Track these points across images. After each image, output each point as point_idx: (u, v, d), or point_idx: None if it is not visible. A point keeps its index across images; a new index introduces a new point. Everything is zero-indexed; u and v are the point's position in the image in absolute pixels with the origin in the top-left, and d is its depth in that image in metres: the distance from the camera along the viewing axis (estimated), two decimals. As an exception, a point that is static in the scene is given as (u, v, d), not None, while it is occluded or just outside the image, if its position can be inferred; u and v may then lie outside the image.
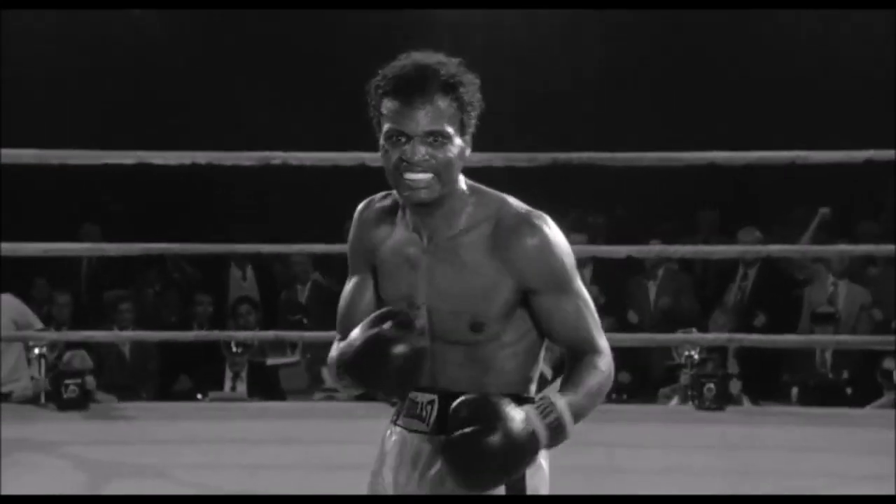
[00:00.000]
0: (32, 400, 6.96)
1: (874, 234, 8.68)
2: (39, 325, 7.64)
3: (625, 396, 7.62)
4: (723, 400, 6.32)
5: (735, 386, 6.52)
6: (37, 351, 6.92)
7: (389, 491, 2.81)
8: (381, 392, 2.72)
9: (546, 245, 2.69)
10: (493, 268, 2.70)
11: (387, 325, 2.66)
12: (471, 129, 2.72)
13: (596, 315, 2.77)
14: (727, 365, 7.26)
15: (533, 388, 2.81)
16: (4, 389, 7.46)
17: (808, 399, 7.54)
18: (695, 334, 6.99)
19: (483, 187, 2.78)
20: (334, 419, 6.52)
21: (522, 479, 2.69)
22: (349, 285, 2.91)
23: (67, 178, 7.59)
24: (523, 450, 2.55)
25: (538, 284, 2.70)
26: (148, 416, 6.53)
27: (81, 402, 6.42)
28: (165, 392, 8.25)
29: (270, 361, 8.05)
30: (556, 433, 2.59)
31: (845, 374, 7.86)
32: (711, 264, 9.27)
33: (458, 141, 2.68)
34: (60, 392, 6.44)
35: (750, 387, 7.10)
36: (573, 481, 4.14)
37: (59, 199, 10.28)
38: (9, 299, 7.53)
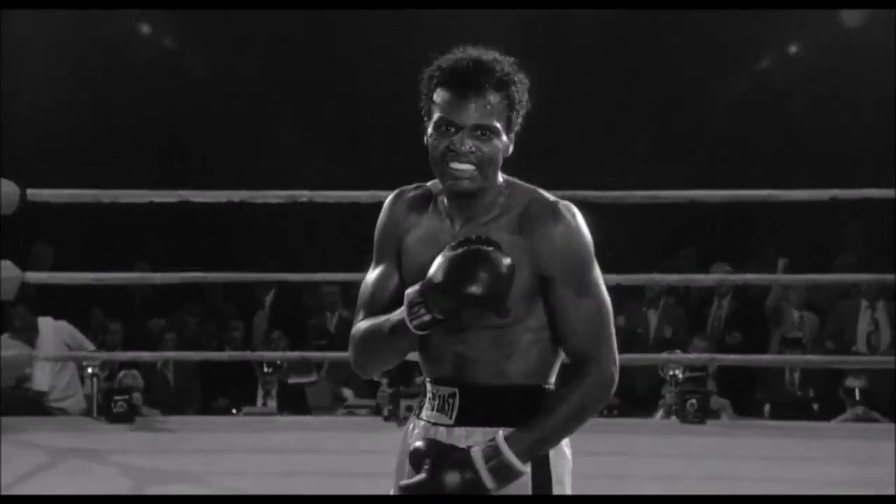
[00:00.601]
0: (85, 414, 6.89)
1: (851, 265, 8.60)
2: (91, 347, 7.60)
3: (616, 413, 7.49)
4: (704, 414, 6.22)
5: (716, 402, 6.39)
6: (89, 370, 6.79)
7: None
8: (480, 305, 2.43)
9: (569, 233, 2.50)
10: (516, 250, 2.46)
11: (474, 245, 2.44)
12: (516, 128, 2.55)
13: (610, 325, 2.54)
14: (707, 384, 7.12)
15: (553, 378, 2.59)
16: (61, 405, 7.42)
17: (779, 414, 7.39)
18: (679, 355, 6.88)
19: (517, 181, 2.60)
20: (354, 431, 6.38)
21: (547, 463, 2.52)
22: (375, 271, 2.66)
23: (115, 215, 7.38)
24: (466, 492, 2.44)
25: (556, 272, 2.49)
26: (188, 428, 6.42)
27: (129, 416, 6.32)
28: (205, 410, 8.13)
29: (293, 380, 7.92)
30: (501, 475, 2.43)
31: (812, 392, 7.75)
32: (693, 297, 9.18)
33: (503, 137, 2.51)
34: (110, 407, 6.34)
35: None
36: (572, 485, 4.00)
37: (107, 237, 10.07)
38: (62, 325, 7.50)
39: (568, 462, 2.57)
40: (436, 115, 2.50)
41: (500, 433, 2.46)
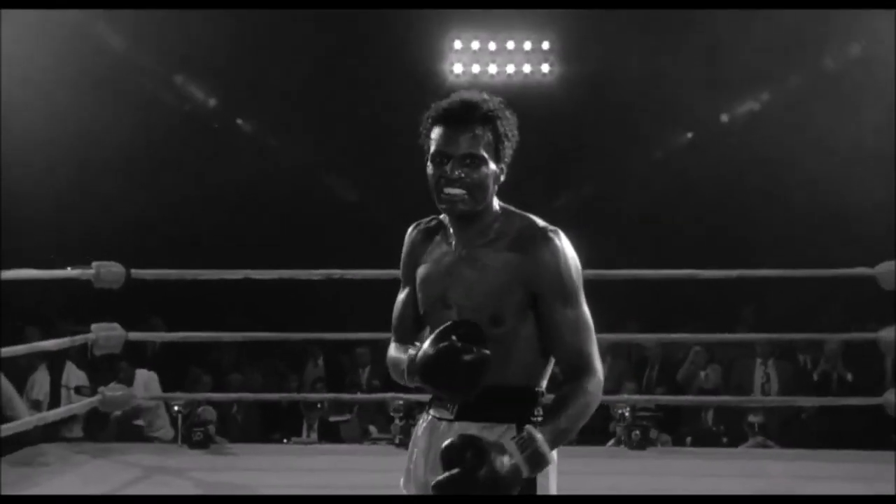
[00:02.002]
0: (172, 441, 6.50)
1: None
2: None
3: (573, 442, 6.98)
4: (645, 443, 5.78)
5: (660, 437, 5.95)
6: (176, 408, 6.38)
7: (420, 470, 2.17)
8: (450, 395, 2.08)
9: (556, 255, 2.09)
10: (509, 271, 2.08)
11: (455, 337, 2.01)
12: (505, 159, 2.14)
13: (593, 335, 2.11)
14: (646, 421, 6.62)
15: (544, 382, 2.16)
16: (155, 434, 7.10)
17: (698, 443, 6.95)
18: (625, 396, 6.50)
19: (513, 208, 2.19)
20: (377, 456, 5.93)
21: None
22: (401, 295, 2.30)
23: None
24: (507, 482, 1.93)
25: (544, 290, 2.07)
26: (249, 452, 5.93)
27: (205, 443, 5.86)
28: (263, 439, 7.61)
29: (332, 419, 7.48)
30: (536, 462, 1.98)
31: (722, 427, 7.28)
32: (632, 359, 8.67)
33: (491, 165, 2.11)
34: (190, 436, 5.91)
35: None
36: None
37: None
38: (154, 375, 7.14)
39: (552, 457, 2.10)
40: (432, 149, 2.11)
41: (528, 427, 2.02)
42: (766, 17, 8.31)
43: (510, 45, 10.01)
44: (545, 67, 9.99)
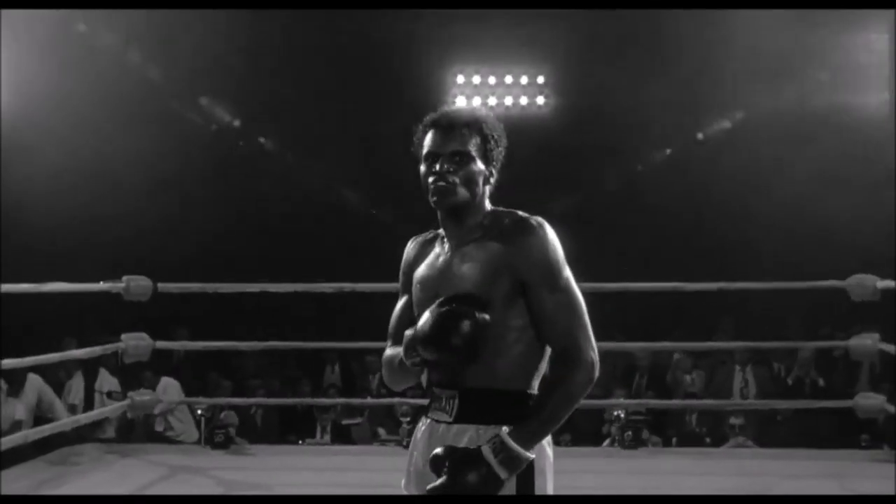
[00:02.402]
0: (196, 443, 6.36)
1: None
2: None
3: (570, 443, 6.86)
4: (637, 443, 5.65)
5: (652, 439, 5.84)
6: (199, 412, 6.27)
7: (419, 472, 2.05)
8: (452, 359, 1.95)
9: (539, 243, 1.98)
10: (495, 261, 1.98)
11: (455, 303, 1.93)
12: (494, 162, 2.05)
13: (584, 316, 1.99)
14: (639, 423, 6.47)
15: (536, 383, 2.02)
16: (180, 437, 6.97)
17: (683, 444, 6.80)
18: (619, 400, 6.44)
19: (501, 208, 2.09)
20: (386, 456, 5.76)
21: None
22: (399, 303, 2.18)
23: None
24: (486, 488, 1.90)
25: (530, 276, 1.96)
26: (266, 453, 5.81)
27: (226, 444, 5.73)
28: (280, 440, 7.46)
29: (344, 422, 7.36)
30: (511, 465, 1.90)
31: (705, 429, 7.15)
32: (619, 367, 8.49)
33: (480, 164, 2.03)
34: (213, 438, 5.79)
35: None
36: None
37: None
38: (172, 381, 6.97)
39: (548, 457, 2.02)
40: (423, 151, 2.04)
41: (504, 429, 1.93)
42: (739, 45, 8.26)
43: (508, 79, 10.06)
44: (540, 100, 10.04)
